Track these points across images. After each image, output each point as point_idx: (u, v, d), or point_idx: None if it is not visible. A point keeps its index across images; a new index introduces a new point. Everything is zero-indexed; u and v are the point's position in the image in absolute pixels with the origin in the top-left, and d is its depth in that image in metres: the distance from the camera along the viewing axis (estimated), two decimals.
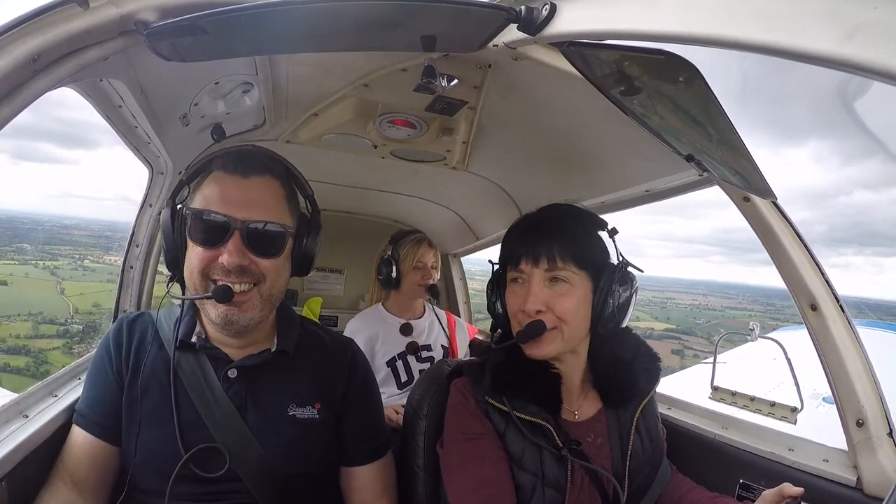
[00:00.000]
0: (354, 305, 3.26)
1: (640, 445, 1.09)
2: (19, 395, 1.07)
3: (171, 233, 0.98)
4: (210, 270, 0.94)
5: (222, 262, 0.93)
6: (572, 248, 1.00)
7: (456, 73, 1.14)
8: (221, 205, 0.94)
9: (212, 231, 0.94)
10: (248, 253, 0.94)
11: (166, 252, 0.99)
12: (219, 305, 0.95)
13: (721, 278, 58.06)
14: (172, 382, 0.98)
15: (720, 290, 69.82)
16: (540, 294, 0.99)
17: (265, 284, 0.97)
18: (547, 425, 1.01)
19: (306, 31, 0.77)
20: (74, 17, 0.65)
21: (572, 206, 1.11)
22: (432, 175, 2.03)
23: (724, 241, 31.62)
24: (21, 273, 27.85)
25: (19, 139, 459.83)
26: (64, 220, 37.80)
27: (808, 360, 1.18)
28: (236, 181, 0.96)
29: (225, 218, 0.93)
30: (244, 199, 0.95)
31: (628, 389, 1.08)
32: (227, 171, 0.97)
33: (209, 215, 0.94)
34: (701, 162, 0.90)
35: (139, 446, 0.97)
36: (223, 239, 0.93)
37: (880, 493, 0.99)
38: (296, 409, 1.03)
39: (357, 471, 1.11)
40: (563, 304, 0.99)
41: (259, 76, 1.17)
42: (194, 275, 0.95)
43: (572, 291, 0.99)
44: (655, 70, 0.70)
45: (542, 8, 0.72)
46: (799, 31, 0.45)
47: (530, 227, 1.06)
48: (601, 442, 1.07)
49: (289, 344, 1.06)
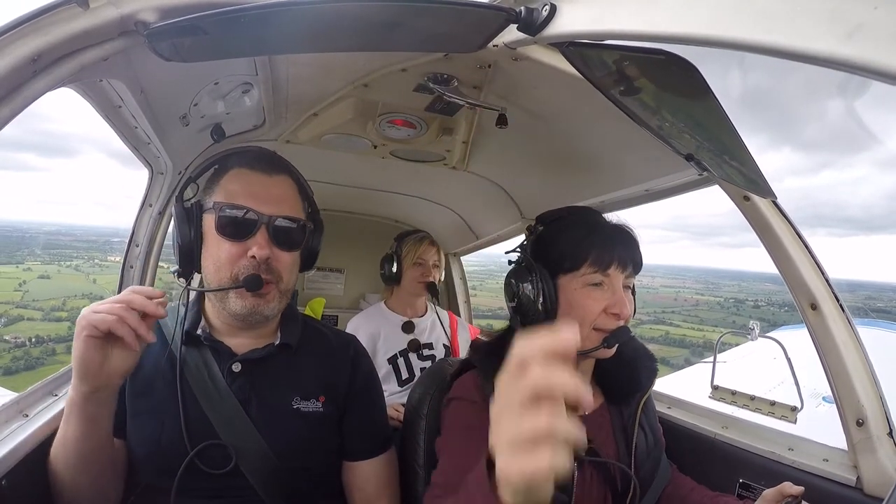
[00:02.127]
0: (355, 305, 3.26)
1: (643, 440, 1.11)
2: (19, 395, 1.07)
3: (188, 228, 0.98)
4: (237, 264, 0.97)
5: (252, 254, 0.96)
6: (640, 259, 1.05)
7: (456, 73, 1.14)
8: (248, 200, 0.97)
9: (241, 225, 0.97)
10: (273, 247, 0.98)
11: (181, 247, 0.99)
12: (247, 296, 0.97)
13: (685, 263, 59.12)
14: (179, 377, 0.99)
15: (678, 273, 70.10)
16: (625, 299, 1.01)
17: (283, 280, 1.01)
18: None
19: (306, 31, 0.77)
20: (74, 18, 0.65)
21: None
22: (432, 175, 2.03)
23: (685, 227, 32.55)
24: (54, 271, 38.35)
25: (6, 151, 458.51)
26: (62, 228, 45.19)
27: (808, 359, 1.18)
28: (261, 178, 1.00)
29: (254, 212, 0.97)
30: (269, 195, 0.99)
31: (632, 385, 1.11)
32: (250, 168, 1.01)
33: (239, 210, 0.97)
34: (700, 161, 0.91)
35: (143, 441, 0.97)
36: (251, 233, 0.97)
37: (880, 492, 0.99)
38: (300, 403, 1.04)
39: (359, 466, 1.11)
40: (631, 308, 1.03)
41: (259, 76, 1.17)
42: (222, 268, 0.97)
43: (632, 297, 1.05)
44: (655, 70, 0.70)
45: (541, 8, 0.72)
46: (799, 31, 0.45)
47: (612, 232, 1.05)
48: (605, 437, 1.08)
49: (292, 338, 1.07)
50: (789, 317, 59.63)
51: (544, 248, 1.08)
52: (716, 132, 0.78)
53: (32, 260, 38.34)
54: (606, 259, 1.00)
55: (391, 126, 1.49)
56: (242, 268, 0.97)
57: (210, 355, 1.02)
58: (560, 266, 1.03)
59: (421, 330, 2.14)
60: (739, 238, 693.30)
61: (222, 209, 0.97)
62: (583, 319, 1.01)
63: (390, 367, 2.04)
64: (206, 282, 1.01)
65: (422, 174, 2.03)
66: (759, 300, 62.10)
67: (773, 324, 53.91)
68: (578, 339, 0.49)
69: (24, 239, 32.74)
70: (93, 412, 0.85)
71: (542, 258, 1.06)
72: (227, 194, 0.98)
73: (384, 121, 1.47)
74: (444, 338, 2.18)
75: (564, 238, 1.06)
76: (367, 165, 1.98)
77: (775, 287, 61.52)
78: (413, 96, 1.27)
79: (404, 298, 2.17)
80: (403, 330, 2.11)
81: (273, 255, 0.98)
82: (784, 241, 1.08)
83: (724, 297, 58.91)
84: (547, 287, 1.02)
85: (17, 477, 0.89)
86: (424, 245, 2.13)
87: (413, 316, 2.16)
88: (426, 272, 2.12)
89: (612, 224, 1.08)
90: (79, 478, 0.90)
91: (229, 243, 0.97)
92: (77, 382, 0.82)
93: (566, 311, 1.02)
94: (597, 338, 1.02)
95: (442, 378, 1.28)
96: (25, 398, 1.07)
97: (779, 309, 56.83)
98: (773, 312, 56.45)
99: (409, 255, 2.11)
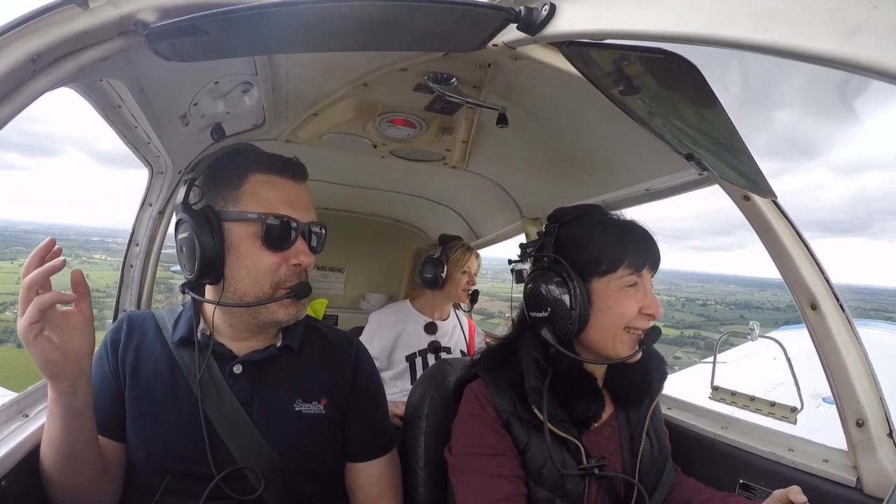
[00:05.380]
0: (355, 304, 3.26)
1: (649, 448, 1.09)
2: (19, 395, 1.07)
3: (210, 237, 0.93)
4: (278, 273, 0.97)
5: (298, 262, 0.98)
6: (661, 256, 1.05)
7: (456, 72, 1.14)
8: (288, 209, 0.98)
9: (285, 235, 0.97)
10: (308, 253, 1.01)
11: (203, 258, 0.93)
12: (290, 305, 1.00)
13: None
14: (175, 380, 0.99)
15: None
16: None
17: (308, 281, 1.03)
18: (577, 442, 1.00)
19: (306, 31, 0.77)
20: (74, 18, 0.65)
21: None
22: (432, 174, 2.03)
23: (657, 231, 33.24)
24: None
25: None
26: (40, 227, 48.13)
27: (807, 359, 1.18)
28: (294, 186, 1.02)
29: (295, 222, 0.98)
30: (302, 202, 1.02)
31: (643, 389, 1.09)
32: (282, 175, 1.01)
33: (284, 220, 0.97)
34: (701, 161, 0.90)
35: (143, 444, 0.97)
36: (292, 242, 0.98)
37: (880, 493, 0.99)
38: (302, 405, 1.03)
39: (362, 467, 1.11)
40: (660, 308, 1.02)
41: (259, 76, 1.17)
42: (261, 279, 0.96)
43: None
44: (655, 70, 0.70)
45: (541, 8, 0.72)
46: (799, 31, 0.44)
47: (643, 233, 1.04)
48: (612, 446, 1.06)
49: (294, 339, 1.07)
50: (730, 313, 59.10)
51: (572, 250, 1.03)
52: (716, 132, 0.78)
53: (23, 257, 43.88)
54: (641, 261, 1.00)
55: (391, 125, 1.49)
56: (285, 277, 0.98)
57: (211, 358, 1.01)
58: (595, 269, 1.00)
59: (443, 333, 2.14)
60: (710, 242, 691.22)
61: (268, 220, 0.95)
62: (618, 321, 0.99)
63: (407, 364, 2.04)
64: (235, 294, 0.97)
65: (422, 173, 2.03)
66: (708, 300, 67.22)
67: (712, 319, 51.68)
68: None
69: (6, 237, 33.83)
70: (74, 405, 0.83)
71: (571, 261, 1.01)
72: (265, 204, 0.96)
73: (384, 120, 1.47)
74: (463, 343, 2.20)
75: (597, 240, 1.02)
76: (367, 165, 1.98)
77: (737, 288, 70.95)
78: (413, 96, 1.27)
79: (438, 302, 2.16)
80: (426, 330, 2.11)
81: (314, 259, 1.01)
82: (784, 241, 1.07)
83: (677, 297, 63.00)
84: (582, 291, 0.99)
85: (17, 477, 0.89)
86: (472, 255, 2.14)
87: (438, 319, 2.17)
88: (471, 280, 2.14)
89: (635, 223, 1.07)
90: (65, 478, 0.90)
91: (270, 253, 0.96)
92: (53, 384, 0.81)
93: (602, 314, 1.00)
94: (629, 340, 1.00)
95: (442, 378, 1.28)
96: (25, 398, 1.08)
97: (724, 307, 63.93)
98: (715, 310, 63.16)
99: (458, 263, 2.10)
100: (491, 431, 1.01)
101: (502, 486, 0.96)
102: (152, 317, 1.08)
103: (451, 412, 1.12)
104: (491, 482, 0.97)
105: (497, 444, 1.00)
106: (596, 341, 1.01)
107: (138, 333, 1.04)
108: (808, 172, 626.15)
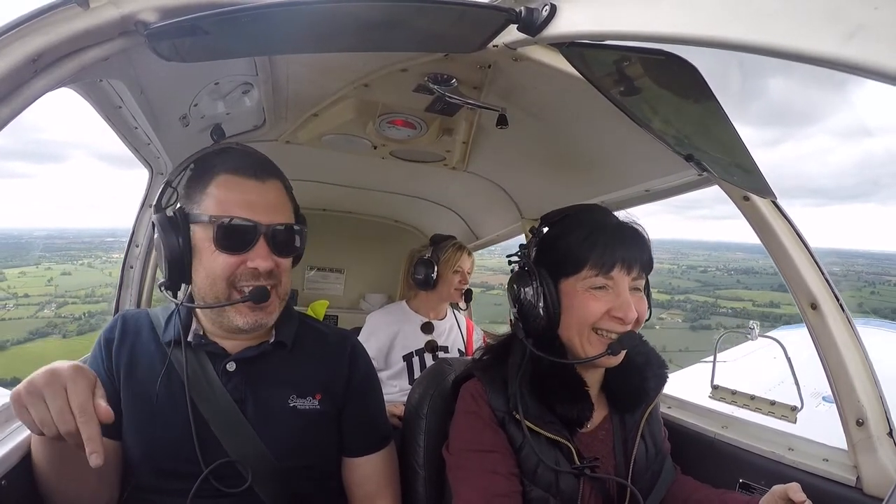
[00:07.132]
0: (355, 305, 3.26)
1: (643, 452, 1.09)
2: None
3: (175, 239, 0.93)
4: (235, 276, 0.95)
5: (254, 266, 0.94)
6: (649, 257, 1.01)
7: (456, 73, 1.14)
8: (245, 210, 0.94)
9: (240, 238, 0.94)
10: (272, 255, 0.96)
11: (168, 260, 0.94)
12: (252, 310, 0.96)
13: (664, 236, 63.07)
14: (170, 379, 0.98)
15: (655, 245, 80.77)
16: (632, 302, 0.96)
17: (281, 284, 1.00)
18: (568, 444, 1.00)
19: (306, 31, 0.77)
20: (74, 18, 0.65)
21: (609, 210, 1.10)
22: (432, 175, 2.03)
23: (666, 202, 33.29)
24: (71, 269, 45.44)
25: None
26: (53, 232, 53.62)
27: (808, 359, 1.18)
28: (254, 185, 0.97)
29: (252, 223, 0.94)
30: (265, 202, 0.96)
31: (639, 394, 1.07)
32: (240, 174, 0.96)
33: (237, 221, 0.93)
34: (700, 161, 0.91)
35: (139, 443, 0.97)
36: (251, 244, 0.94)
37: (880, 492, 0.99)
38: (297, 401, 1.03)
39: (359, 462, 1.11)
40: (642, 311, 0.99)
41: (259, 76, 1.17)
42: (217, 282, 0.94)
43: (644, 298, 1.01)
44: (655, 70, 0.70)
45: (541, 9, 0.72)
46: (799, 32, 0.45)
47: (615, 233, 1.00)
48: (605, 449, 1.06)
49: (287, 336, 1.07)
50: (728, 279, 56.02)
51: (547, 250, 1.05)
52: (715, 132, 0.78)
53: (47, 262, 45.77)
54: (608, 261, 0.96)
55: (391, 126, 1.49)
56: (241, 278, 0.94)
57: (204, 356, 1.01)
58: (563, 269, 1.00)
59: (440, 332, 2.15)
60: (718, 210, 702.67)
61: (220, 222, 0.92)
62: (583, 321, 0.98)
63: (405, 364, 2.05)
64: (198, 295, 0.98)
65: (422, 174, 2.03)
66: (710, 267, 66.88)
67: (707, 284, 51.40)
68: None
69: (22, 244, 36.86)
70: None
71: (545, 261, 1.03)
72: (221, 205, 0.94)
73: (384, 121, 1.47)
74: (461, 342, 2.21)
75: (565, 240, 1.02)
76: (367, 165, 1.98)
77: (743, 255, 69.54)
78: (413, 96, 1.27)
79: (433, 302, 2.17)
80: (423, 330, 2.12)
81: (275, 264, 0.96)
82: (784, 241, 1.08)
83: (679, 265, 63.32)
84: (548, 291, 0.99)
85: (17, 477, 0.89)
86: (464, 254, 2.14)
87: (434, 318, 2.17)
88: (464, 280, 2.14)
89: (616, 223, 1.03)
90: (61, 477, 0.90)
91: (227, 256, 0.93)
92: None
93: (568, 314, 0.99)
94: (598, 342, 0.98)
95: (441, 378, 1.28)
96: None
97: (724, 273, 63.80)
98: (714, 276, 63.03)
99: (449, 262, 2.10)
100: (486, 429, 1.02)
101: (498, 483, 0.97)
102: (147, 316, 1.08)
103: (451, 411, 1.12)
104: (487, 478, 0.97)
105: (492, 441, 1.00)
106: (567, 340, 1.01)
107: (132, 333, 1.04)
108: (811, 139, 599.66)
